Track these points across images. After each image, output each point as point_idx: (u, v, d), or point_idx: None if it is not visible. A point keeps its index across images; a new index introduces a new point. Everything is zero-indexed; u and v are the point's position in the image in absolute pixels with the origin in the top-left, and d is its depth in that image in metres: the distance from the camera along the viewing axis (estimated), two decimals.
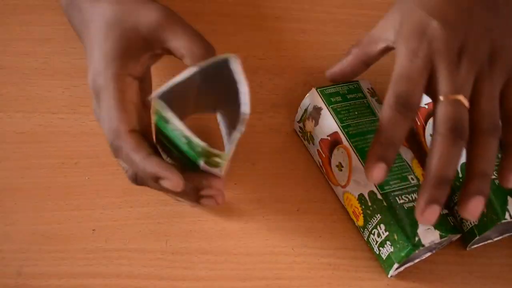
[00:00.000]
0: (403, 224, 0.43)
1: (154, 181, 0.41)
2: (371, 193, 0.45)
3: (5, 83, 0.52)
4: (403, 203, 0.44)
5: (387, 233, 0.44)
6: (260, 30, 0.56)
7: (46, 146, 0.50)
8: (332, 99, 0.48)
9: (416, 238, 0.43)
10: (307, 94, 0.49)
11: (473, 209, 0.39)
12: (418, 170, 0.46)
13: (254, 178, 0.50)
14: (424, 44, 0.41)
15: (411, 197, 0.45)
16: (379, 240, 0.45)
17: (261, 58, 0.54)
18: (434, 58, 0.41)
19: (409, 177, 0.45)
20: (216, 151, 0.36)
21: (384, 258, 0.45)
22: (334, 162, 0.47)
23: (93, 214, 0.48)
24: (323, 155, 0.48)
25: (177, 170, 0.40)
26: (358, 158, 0.45)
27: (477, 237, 0.45)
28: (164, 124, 0.39)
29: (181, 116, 0.38)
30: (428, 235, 0.43)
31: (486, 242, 0.47)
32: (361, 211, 0.46)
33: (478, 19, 0.42)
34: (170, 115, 0.36)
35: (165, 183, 0.40)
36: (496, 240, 0.47)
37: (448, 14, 0.42)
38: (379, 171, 0.39)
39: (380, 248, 0.45)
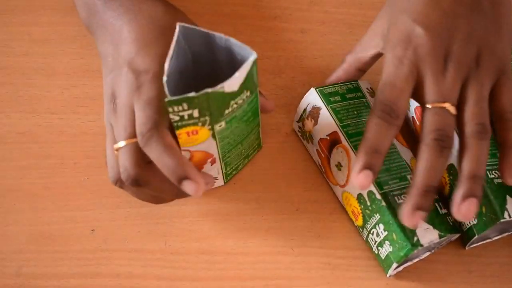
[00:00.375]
0: (402, 224, 0.43)
1: (177, 181, 0.40)
2: (370, 193, 0.45)
3: (4, 83, 0.52)
4: (402, 202, 0.44)
5: (386, 232, 0.44)
6: (259, 30, 0.56)
7: (45, 146, 0.50)
8: (331, 98, 0.48)
9: (415, 238, 0.43)
10: (306, 94, 0.49)
11: (466, 211, 0.39)
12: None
13: (253, 178, 0.50)
14: (410, 51, 0.41)
15: None
16: (378, 239, 0.45)
17: (260, 58, 0.54)
18: (420, 65, 0.41)
19: (408, 176, 0.45)
20: (167, 91, 0.38)
21: (383, 257, 0.45)
22: (333, 161, 0.47)
23: (92, 215, 0.48)
24: (322, 154, 0.48)
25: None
26: None
27: (476, 236, 0.45)
28: None
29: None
30: (427, 234, 0.43)
31: (485, 241, 0.47)
32: (360, 211, 0.46)
33: (463, 21, 0.42)
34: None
35: (188, 184, 0.40)
36: (494, 240, 0.47)
37: (432, 19, 0.42)
38: (365, 179, 0.39)
39: (379, 248, 0.45)
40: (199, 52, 0.42)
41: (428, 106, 0.40)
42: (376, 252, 0.46)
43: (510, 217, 0.43)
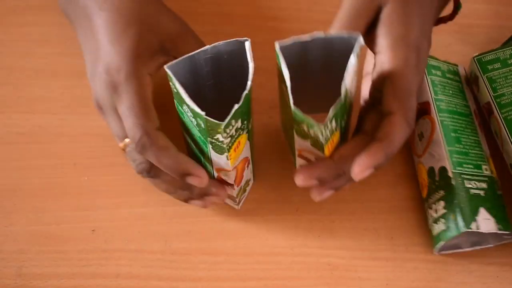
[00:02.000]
0: (464, 207, 0.43)
1: (180, 177, 0.41)
2: (442, 168, 0.45)
3: (4, 83, 0.52)
4: (470, 187, 0.44)
5: (445, 210, 0.45)
6: (259, 30, 0.56)
7: (45, 146, 0.50)
8: (433, 71, 0.49)
9: (474, 224, 0.43)
10: None
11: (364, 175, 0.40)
12: (492, 166, 0.47)
13: (253, 177, 0.50)
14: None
15: (480, 185, 0.45)
16: (435, 216, 0.45)
17: (260, 59, 0.54)
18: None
19: (484, 167, 0.46)
20: (214, 121, 0.36)
21: (434, 234, 0.46)
22: (417, 130, 0.48)
23: (93, 215, 0.48)
24: None
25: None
26: (441, 133, 0.46)
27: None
28: (181, 108, 0.39)
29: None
30: (487, 224, 0.43)
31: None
32: (427, 184, 0.46)
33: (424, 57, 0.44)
34: (177, 85, 0.37)
35: (192, 179, 0.41)
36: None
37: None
38: (366, 174, 0.40)
39: (434, 224, 0.46)
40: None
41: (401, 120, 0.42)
42: (430, 228, 0.46)
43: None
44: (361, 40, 0.38)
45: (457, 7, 0.51)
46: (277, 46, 0.38)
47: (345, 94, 0.37)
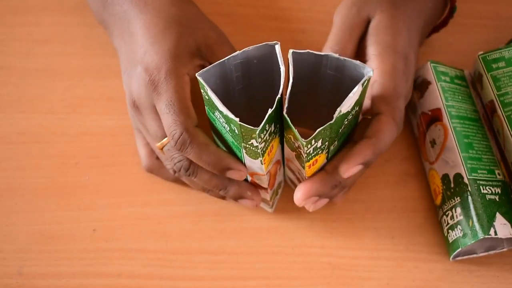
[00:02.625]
0: (481, 213, 0.43)
1: (220, 172, 0.42)
2: (458, 175, 0.45)
3: (5, 83, 0.52)
4: (486, 193, 0.44)
5: (461, 217, 0.45)
6: (260, 30, 0.56)
7: (46, 146, 0.50)
8: (442, 77, 0.49)
9: (492, 229, 0.43)
10: (421, 66, 0.50)
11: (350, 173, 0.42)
12: (504, 170, 0.47)
13: None
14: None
15: (495, 190, 0.45)
16: (451, 222, 0.45)
17: None
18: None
19: (496, 171, 0.46)
20: (249, 126, 0.36)
21: (451, 241, 0.46)
22: (428, 137, 0.48)
23: (94, 214, 0.48)
24: (421, 128, 0.49)
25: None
26: (454, 139, 0.46)
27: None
28: (212, 115, 0.39)
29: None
30: (504, 229, 0.43)
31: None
32: (441, 191, 0.46)
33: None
34: (209, 92, 0.37)
35: (232, 173, 0.42)
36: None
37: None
38: (355, 171, 0.41)
39: (449, 231, 0.46)
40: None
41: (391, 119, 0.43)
42: (446, 235, 0.46)
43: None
44: (371, 72, 0.38)
45: (452, 10, 0.51)
46: (290, 52, 0.39)
47: (338, 119, 0.37)
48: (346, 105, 0.37)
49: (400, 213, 0.49)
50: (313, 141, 0.37)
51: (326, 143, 0.39)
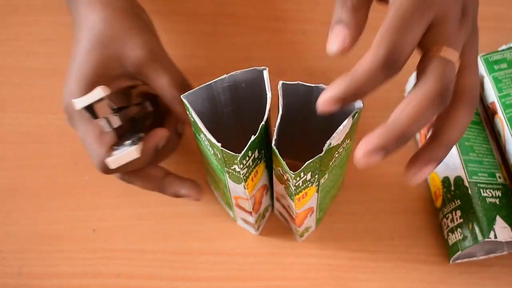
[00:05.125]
0: (481, 216, 0.43)
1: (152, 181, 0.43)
2: (458, 178, 0.45)
3: (5, 83, 0.52)
4: (486, 196, 0.44)
5: (461, 220, 0.45)
6: (260, 31, 0.56)
7: (46, 146, 0.50)
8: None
9: (492, 232, 0.43)
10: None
11: (424, 175, 0.34)
12: (505, 173, 0.47)
13: None
14: None
15: (495, 193, 0.45)
16: (451, 225, 0.45)
17: (262, 59, 0.54)
18: (440, 10, 0.34)
19: (497, 174, 0.46)
20: (230, 152, 0.36)
21: (450, 244, 0.46)
22: None
23: (94, 215, 0.48)
24: (422, 130, 0.49)
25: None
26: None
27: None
28: (198, 136, 0.39)
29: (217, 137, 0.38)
30: (505, 232, 0.43)
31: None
32: (441, 193, 0.46)
33: None
34: (193, 114, 0.37)
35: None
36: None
37: None
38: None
39: (449, 234, 0.46)
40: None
41: (442, 53, 0.33)
42: (445, 237, 0.46)
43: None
44: (361, 104, 0.36)
45: None
46: (279, 84, 0.37)
47: (328, 152, 0.36)
48: (336, 138, 0.36)
49: (400, 215, 0.49)
50: (302, 174, 0.36)
51: (316, 176, 0.38)
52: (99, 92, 0.38)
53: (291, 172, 0.36)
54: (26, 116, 0.51)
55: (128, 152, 0.39)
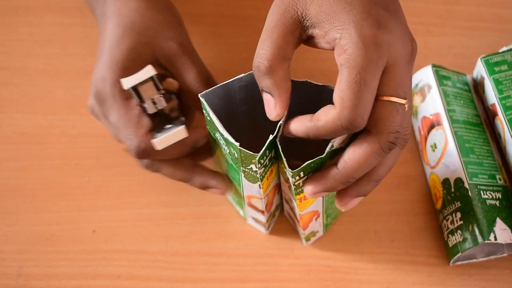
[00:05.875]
0: (481, 218, 0.43)
1: (184, 172, 0.43)
2: (458, 180, 0.45)
3: (6, 84, 0.52)
4: (486, 198, 0.44)
5: (461, 222, 0.45)
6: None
7: (46, 147, 0.50)
8: (444, 81, 0.49)
9: (492, 234, 0.43)
10: (422, 69, 0.50)
11: (353, 205, 0.39)
12: (505, 175, 0.47)
13: None
14: (382, 32, 0.34)
15: (495, 195, 0.45)
16: (451, 227, 0.45)
17: None
18: (392, 53, 0.35)
19: (497, 176, 0.46)
20: (249, 152, 0.35)
21: (450, 246, 0.46)
22: (429, 141, 0.48)
23: (93, 215, 0.48)
24: (422, 132, 0.49)
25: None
26: (455, 144, 0.46)
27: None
28: (213, 135, 0.39)
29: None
30: (505, 234, 0.43)
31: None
32: (442, 195, 0.46)
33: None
34: (211, 113, 0.37)
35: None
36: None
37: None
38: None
39: (449, 235, 0.46)
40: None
41: (394, 100, 0.34)
42: (446, 239, 0.46)
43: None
44: None
45: None
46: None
47: (330, 153, 0.36)
48: (339, 140, 0.36)
49: (400, 217, 0.49)
50: (301, 173, 0.36)
51: None
52: (150, 70, 0.38)
53: (290, 169, 0.35)
54: (26, 117, 0.51)
55: (176, 132, 0.39)
